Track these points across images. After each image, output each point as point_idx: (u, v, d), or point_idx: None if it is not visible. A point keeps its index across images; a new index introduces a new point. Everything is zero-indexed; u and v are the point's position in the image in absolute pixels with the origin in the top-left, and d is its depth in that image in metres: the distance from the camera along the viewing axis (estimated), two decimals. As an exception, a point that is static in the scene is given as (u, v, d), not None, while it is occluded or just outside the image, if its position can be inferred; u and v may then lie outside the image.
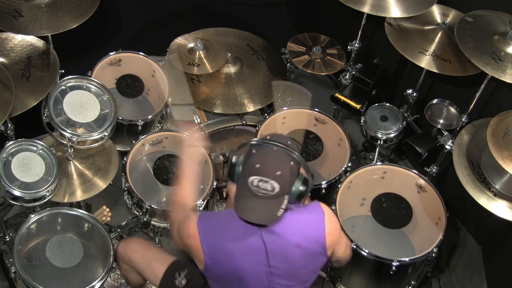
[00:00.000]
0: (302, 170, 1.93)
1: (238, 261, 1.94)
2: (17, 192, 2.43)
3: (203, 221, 1.95)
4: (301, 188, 1.88)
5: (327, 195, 2.86)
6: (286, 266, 1.96)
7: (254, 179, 1.82)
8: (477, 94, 2.70)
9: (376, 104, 3.13)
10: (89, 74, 3.01)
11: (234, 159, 1.91)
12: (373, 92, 3.23)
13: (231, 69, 3.23)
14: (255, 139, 1.90)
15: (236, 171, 1.90)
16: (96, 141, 2.76)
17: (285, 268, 1.96)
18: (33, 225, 2.49)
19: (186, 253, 2.09)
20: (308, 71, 3.23)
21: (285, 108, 3.08)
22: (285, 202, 1.87)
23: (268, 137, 1.90)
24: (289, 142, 1.90)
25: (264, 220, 1.87)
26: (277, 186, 1.82)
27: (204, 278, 2.19)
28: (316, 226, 1.96)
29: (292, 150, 1.86)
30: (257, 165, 1.82)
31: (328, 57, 3.28)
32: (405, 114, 3.16)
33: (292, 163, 1.86)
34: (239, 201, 1.88)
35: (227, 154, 3.01)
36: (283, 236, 1.92)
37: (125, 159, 2.80)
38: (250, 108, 3.12)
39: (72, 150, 2.73)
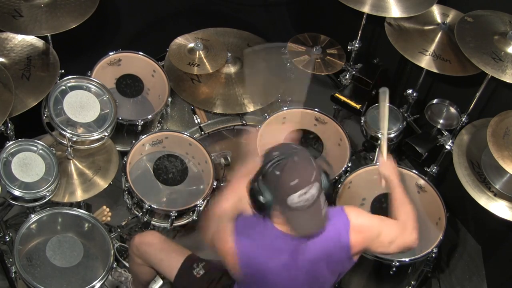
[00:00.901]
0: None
1: (272, 279, 1.94)
2: (17, 192, 2.43)
3: (240, 241, 1.89)
4: (327, 181, 1.86)
5: (327, 195, 2.85)
6: (314, 278, 1.97)
7: (293, 197, 1.75)
8: (477, 94, 2.70)
9: (376, 104, 3.13)
10: (89, 74, 3.00)
11: (251, 189, 1.82)
12: (373, 92, 3.23)
13: (231, 69, 3.23)
14: (270, 161, 1.78)
15: (266, 199, 1.79)
16: (96, 141, 2.76)
17: (313, 280, 1.97)
18: (33, 225, 2.49)
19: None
20: (308, 71, 3.23)
21: (285, 108, 3.08)
22: (323, 198, 1.84)
23: (275, 152, 1.81)
24: (294, 146, 1.86)
25: (320, 225, 1.84)
26: (315, 190, 1.78)
27: (222, 270, 2.19)
28: (341, 235, 1.91)
29: (304, 149, 1.83)
30: (293, 182, 1.74)
31: (328, 57, 3.28)
32: (405, 114, 3.16)
33: (312, 160, 1.82)
34: (290, 223, 1.83)
35: (228, 157, 3.00)
36: (311, 250, 1.90)
37: (125, 159, 2.80)
38: (250, 108, 3.12)
39: (72, 149, 2.73)
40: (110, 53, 3.10)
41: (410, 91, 3.08)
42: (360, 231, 1.94)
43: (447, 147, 2.87)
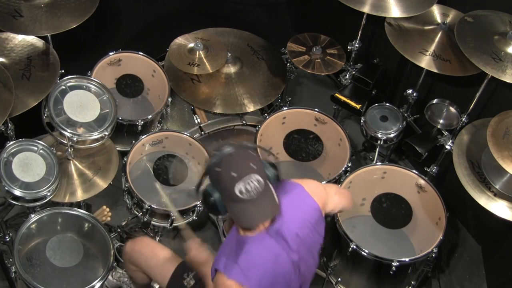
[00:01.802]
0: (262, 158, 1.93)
1: (284, 276, 1.94)
2: (17, 192, 2.43)
3: (246, 277, 1.86)
4: (274, 171, 1.90)
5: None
6: (306, 251, 1.98)
7: (239, 187, 1.75)
8: (477, 94, 2.70)
9: (376, 104, 3.13)
10: (89, 74, 3.01)
11: (202, 193, 1.85)
12: (373, 92, 3.23)
13: (231, 69, 3.23)
14: (207, 163, 1.83)
15: (216, 200, 1.82)
16: (96, 140, 2.76)
17: (305, 250, 1.98)
18: (34, 225, 2.49)
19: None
20: (308, 71, 3.23)
21: (285, 108, 3.09)
22: (271, 187, 1.85)
23: (214, 154, 1.84)
24: (231, 142, 1.87)
25: (272, 212, 1.84)
26: (259, 177, 1.79)
27: None
28: (303, 198, 1.99)
29: (241, 143, 1.85)
30: (233, 174, 1.76)
31: (328, 57, 3.28)
32: (405, 114, 3.16)
33: (250, 151, 1.84)
34: (241, 215, 1.82)
35: None
36: (288, 228, 1.92)
37: (125, 159, 2.80)
38: (250, 108, 3.12)
39: (72, 149, 2.73)
40: (110, 53, 3.10)
41: (410, 91, 3.08)
42: (314, 190, 2.02)
43: (447, 147, 2.87)
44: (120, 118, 2.90)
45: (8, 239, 2.85)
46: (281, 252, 1.90)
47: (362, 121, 3.08)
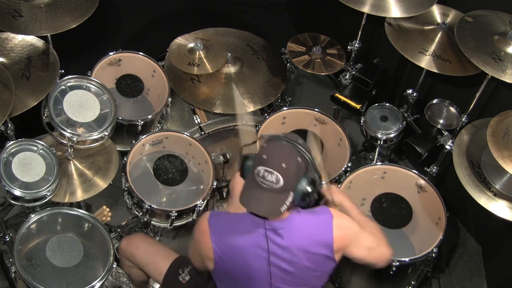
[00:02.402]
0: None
1: (245, 258, 1.94)
2: (17, 192, 2.43)
3: (213, 218, 1.97)
4: (307, 187, 1.86)
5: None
6: (291, 268, 1.95)
7: (260, 169, 1.82)
8: (477, 94, 2.70)
9: (376, 104, 3.13)
10: (89, 74, 3.01)
11: (247, 154, 1.94)
12: (373, 92, 3.23)
13: (231, 69, 3.23)
14: (268, 134, 1.95)
15: (246, 165, 1.92)
16: (96, 140, 2.76)
17: (290, 271, 1.95)
18: (33, 225, 2.49)
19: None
20: (308, 71, 3.23)
21: (285, 108, 3.09)
22: (290, 198, 1.85)
23: (282, 134, 1.94)
24: (300, 141, 1.92)
25: (267, 212, 1.85)
26: (281, 179, 1.81)
27: (208, 275, 2.18)
28: (323, 228, 1.93)
29: (300, 147, 1.89)
30: (264, 156, 1.83)
31: (328, 57, 3.28)
32: (405, 114, 3.16)
33: (299, 159, 1.86)
34: (245, 192, 1.88)
35: (227, 155, 3.00)
36: (288, 238, 1.91)
37: (125, 159, 2.80)
38: (250, 108, 3.11)
39: (72, 149, 2.73)
40: (110, 53, 3.10)
41: (410, 91, 3.08)
42: (341, 228, 1.95)
43: (447, 147, 2.87)
44: (120, 118, 2.90)
45: (8, 239, 2.85)
46: (261, 247, 1.92)
47: (362, 121, 3.08)
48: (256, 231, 1.92)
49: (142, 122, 2.95)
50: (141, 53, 3.16)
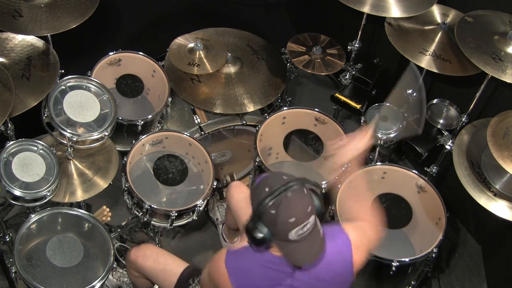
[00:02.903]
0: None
1: None
2: (17, 192, 2.43)
3: (231, 261, 1.90)
4: (319, 202, 1.84)
5: (327, 195, 2.86)
6: None
7: (293, 232, 1.73)
8: (477, 94, 2.70)
9: (376, 104, 3.13)
10: (89, 74, 3.01)
11: (248, 228, 1.78)
12: (373, 92, 3.23)
13: (231, 69, 3.23)
14: (263, 200, 1.74)
15: (265, 234, 1.77)
16: (96, 140, 2.76)
17: None
18: (34, 225, 2.49)
19: (197, 259, 2.07)
20: (308, 71, 3.23)
21: (285, 108, 3.09)
22: (318, 221, 1.83)
23: (267, 189, 1.76)
24: (284, 177, 1.79)
25: (320, 250, 1.83)
26: (311, 220, 1.76)
27: None
28: (344, 257, 1.92)
29: (296, 180, 1.78)
30: (291, 220, 1.72)
31: (328, 57, 3.28)
32: (405, 114, 3.15)
33: (305, 190, 1.79)
34: (291, 255, 1.80)
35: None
36: (312, 272, 1.88)
37: (125, 159, 2.80)
38: (250, 108, 3.11)
39: (72, 149, 2.73)
40: (110, 53, 3.10)
41: (410, 91, 3.08)
42: (359, 247, 1.94)
43: (447, 147, 2.87)
44: (120, 118, 2.90)
45: (8, 239, 2.85)
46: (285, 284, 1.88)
47: (362, 121, 3.08)
48: (280, 275, 1.88)
49: (142, 122, 2.95)
50: (141, 53, 3.15)
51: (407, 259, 2.53)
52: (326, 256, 1.87)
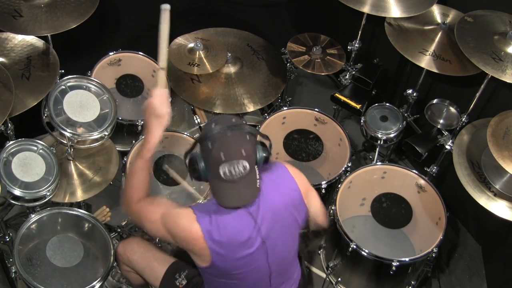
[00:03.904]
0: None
1: (246, 249, 1.97)
2: (17, 192, 2.43)
3: (202, 220, 1.96)
4: (264, 154, 1.96)
5: (327, 195, 2.86)
6: (280, 229, 2.00)
7: (224, 168, 1.86)
8: (477, 94, 2.70)
9: (376, 104, 3.13)
10: (89, 74, 3.01)
11: (190, 158, 1.96)
12: (373, 92, 3.23)
13: (231, 69, 3.23)
14: (201, 134, 1.93)
15: (200, 167, 1.93)
16: (96, 140, 2.76)
17: (280, 231, 2.01)
18: (34, 225, 2.49)
19: (185, 254, 2.09)
20: (308, 71, 3.23)
21: (285, 108, 3.09)
22: (257, 171, 1.94)
23: (213, 125, 1.90)
24: (233, 120, 1.93)
25: (250, 197, 1.92)
26: (247, 164, 1.87)
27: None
28: (285, 177, 2.04)
29: (242, 125, 1.91)
30: (221, 155, 1.85)
31: (328, 57, 3.28)
32: (405, 114, 3.16)
33: (248, 137, 1.91)
34: (220, 193, 1.92)
35: None
36: (265, 202, 1.96)
37: (125, 159, 2.80)
38: (250, 108, 3.12)
39: (72, 149, 2.73)
40: (110, 53, 3.10)
41: (410, 91, 3.08)
42: (296, 173, 2.08)
43: (447, 147, 2.87)
44: (120, 118, 2.91)
45: (8, 239, 2.85)
46: (252, 232, 1.94)
47: (362, 121, 3.08)
48: (241, 215, 1.95)
49: (142, 122, 2.96)
50: (141, 53, 3.16)
51: (407, 259, 2.53)
52: (273, 183, 2.00)
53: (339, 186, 2.77)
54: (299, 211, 2.06)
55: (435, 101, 2.88)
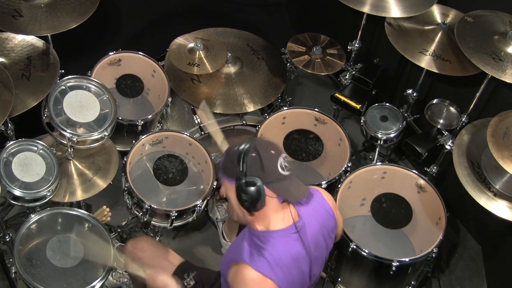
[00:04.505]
0: None
1: (299, 268, 1.95)
2: (17, 192, 2.43)
3: (273, 272, 1.85)
4: None
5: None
6: (317, 253, 2.00)
7: (280, 163, 1.82)
8: (477, 94, 2.70)
9: (376, 104, 3.13)
10: (89, 74, 3.01)
11: (246, 181, 1.81)
12: (373, 92, 3.23)
13: (231, 69, 3.23)
14: (239, 154, 1.83)
15: (259, 185, 1.80)
16: (96, 140, 2.76)
17: (317, 255, 2.00)
18: (34, 225, 2.48)
19: (197, 259, 2.10)
20: (308, 71, 3.23)
21: (285, 108, 3.09)
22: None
23: (236, 148, 1.87)
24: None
25: (306, 190, 1.93)
26: (286, 156, 1.88)
27: (213, 281, 2.19)
28: (323, 204, 2.03)
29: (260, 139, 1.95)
30: (272, 151, 1.83)
31: (328, 57, 3.28)
32: (405, 114, 3.16)
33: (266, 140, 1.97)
34: (290, 190, 1.87)
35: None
36: (309, 227, 1.95)
37: (125, 159, 2.80)
38: (250, 108, 3.12)
39: (72, 149, 2.73)
40: (110, 53, 3.10)
41: (410, 91, 3.08)
42: (329, 198, 2.08)
43: (447, 147, 2.87)
44: (120, 118, 2.90)
45: (8, 239, 2.85)
46: (301, 250, 1.91)
47: (362, 121, 3.08)
48: (294, 247, 1.91)
49: (142, 122, 2.95)
50: (141, 53, 3.16)
51: (407, 259, 2.53)
52: (311, 208, 1.98)
53: (339, 186, 2.77)
54: (333, 234, 2.07)
55: (435, 101, 2.88)
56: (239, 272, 1.85)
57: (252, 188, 1.79)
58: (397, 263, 2.51)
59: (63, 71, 2.80)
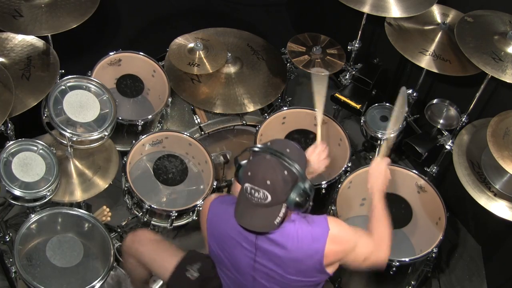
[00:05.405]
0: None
1: (232, 248, 2.00)
2: (17, 192, 2.43)
3: (216, 203, 2.03)
4: (297, 199, 1.83)
5: (327, 195, 2.86)
6: (277, 271, 1.97)
7: (247, 186, 1.82)
8: (477, 94, 2.70)
9: (376, 104, 3.13)
10: (89, 74, 3.01)
11: (240, 162, 1.92)
12: (373, 92, 3.23)
13: (231, 69, 3.23)
14: (255, 145, 1.87)
15: (239, 174, 1.91)
16: (96, 140, 2.76)
17: (275, 274, 1.98)
18: (34, 225, 2.49)
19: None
20: (308, 71, 3.23)
21: (285, 108, 3.09)
22: (283, 210, 1.84)
23: (269, 143, 1.86)
24: (288, 150, 1.83)
25: (259, 227, 1.86)
26: (268, 195, 1.79)
27: (215, 271, 2.20)
28: (316, 242, 1.91)
29: (286, 160, 1.80)
30: (249, 173, 1.81)
31: (328, 57, 3.28)
32: (405, 114, 3.15)
33: (285, 172, 1.79)
34: (239, 205, 1.89)
35: (227, 155, 3.00)
36: (282, 246, 1.91)
37: (125, 159, 2.80)
38: (250, 108, 3.12)
39: (71, 149, 2.73)
40: (110, 53, 3.10)
41: (410, 91, 3.08)
42: (337, 242, 1.93)
43: (447, 147, 2.87)
44: (120, 118, 2.90)
45: (8, 239, 2.85)
46: (249, 242, 1.95)
47: (362, 121, 3.08)
48: (247, 240, 1.95)
49: (142, 122, 2.96)
50: (141, 53, 3.16)
51: (407, 259, 2.53)
52: (298, 233, 1.90)
53: (339, 186, 2.77)
54: (310, 275, 1.98)
55: (435, 101, 2.88)
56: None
57: (238, 165, 1.92)
58: (397, 263, 2.51)
59: (63, 71, 2.80)
